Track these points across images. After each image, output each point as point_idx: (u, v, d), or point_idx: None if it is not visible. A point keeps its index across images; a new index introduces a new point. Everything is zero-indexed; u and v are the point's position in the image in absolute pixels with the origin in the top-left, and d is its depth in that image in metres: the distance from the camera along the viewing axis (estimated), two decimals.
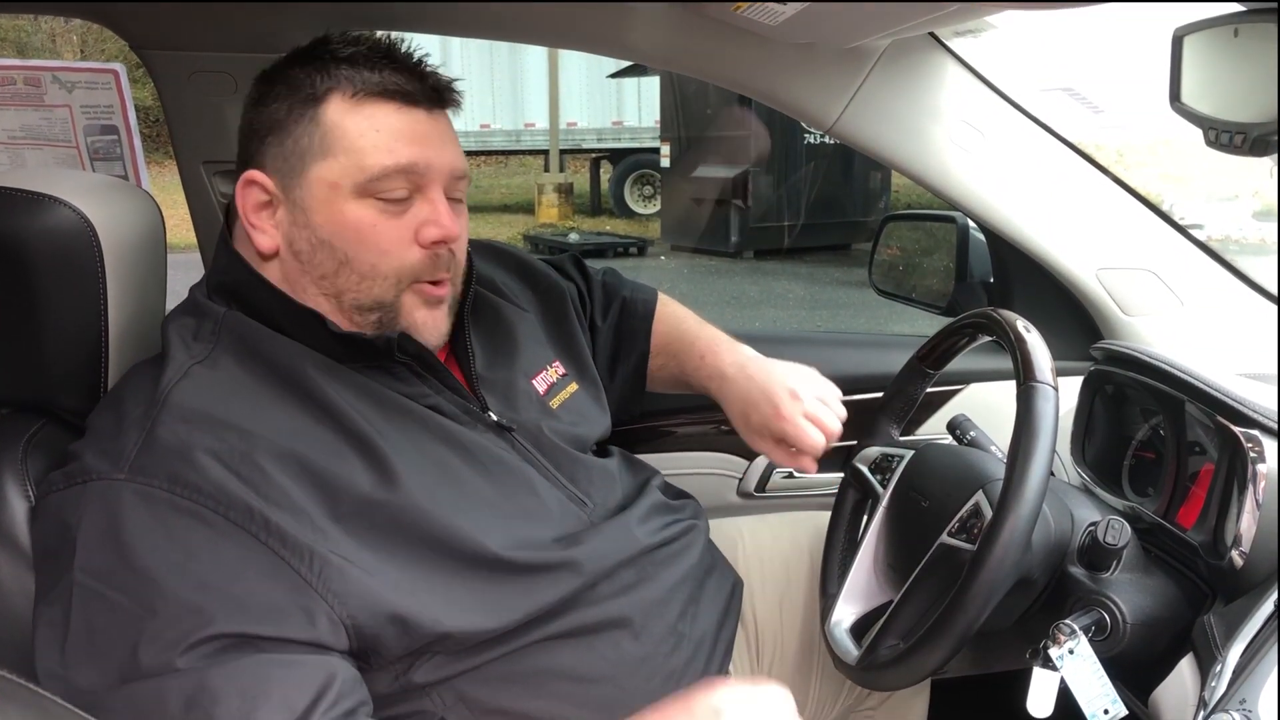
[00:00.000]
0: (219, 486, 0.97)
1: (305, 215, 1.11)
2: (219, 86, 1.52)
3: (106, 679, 0.91)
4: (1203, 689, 1.03)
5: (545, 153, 15.83)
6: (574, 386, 1.37)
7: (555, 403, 1.32)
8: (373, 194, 1.10)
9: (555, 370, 1.36)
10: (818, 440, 1.36)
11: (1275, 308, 1.51)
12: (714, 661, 1.29)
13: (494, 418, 1.21)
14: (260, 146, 1.13)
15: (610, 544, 1.21)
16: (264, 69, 1.16)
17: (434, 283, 1.16)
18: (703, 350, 1.49)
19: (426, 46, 1.19)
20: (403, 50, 1.15)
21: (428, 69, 1.15)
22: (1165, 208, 1.60)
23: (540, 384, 1.32)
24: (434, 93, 1.14)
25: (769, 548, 1.54)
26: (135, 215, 1.20)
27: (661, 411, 1.70)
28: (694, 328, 1.53)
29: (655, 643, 1.21)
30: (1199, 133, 0.91)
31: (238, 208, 1.14)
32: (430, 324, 1.16)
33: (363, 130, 1.09)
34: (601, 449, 1.40)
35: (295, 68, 1.13)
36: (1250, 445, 1.13)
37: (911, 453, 1.37)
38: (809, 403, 1.37)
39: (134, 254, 1.18)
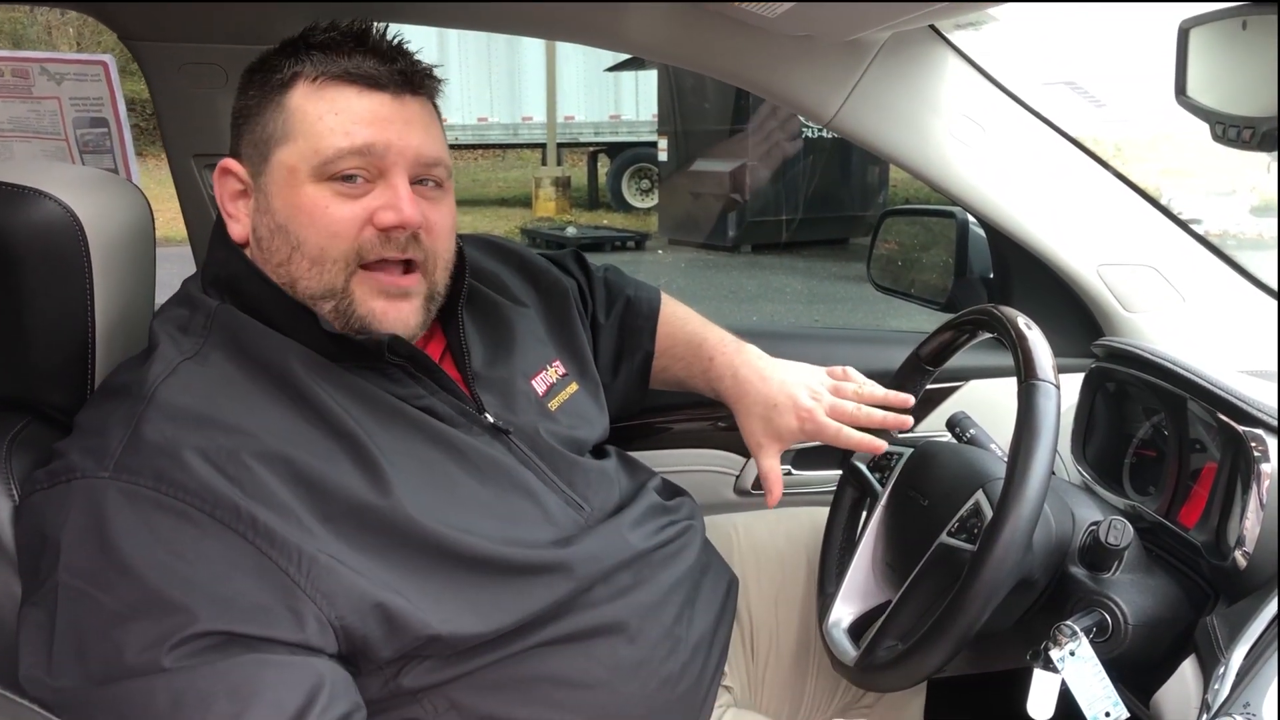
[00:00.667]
0: (205, 485, 0.95)
1: (267, 200, 1.10)
2: (209, 78, 1.50)
3: (91, 679, 0.90)
4: (1205, 691, 1.02)
5: (543, 146, 15.82)
6: (574, 387, 1.35)
7: (554, 404, 1.30)
8: (328, 176, 1.08)
9: (555, 370, 1.33)
10: (852, 435, 1.35)
11: (1276, 304, 1.49)
12: (710, 664, 1.27)
13: (490, 419, 1.19)
14: (237, 134, 1.14)
15: (605, 547, 1.20)
16: (252, 61, 1.15)
17: (399, 265, 1.12)
18: (711, 352, 1.47)
19: (424, 40, 1.17)
20: (378, 36, 1.13)
21: (402, 54, 1.13)
22: (1164, 203, 1.58)
23: (539, 384, 1.30)
24: (401, 77, 1.12)
25: (765, 544, 1.53)
26: (123, 209, 1.19)
27: (658, 409, 1.69)
28: (699, 329, 1.51)
29: (651, 647, 1.19)
30: (1197, 128, 0.89)
31: (216, 197, 1.14)
32: (392, 315, 1.12)
33: (321, 113, 1.08)
34: (599, 450, 1.38)
35: (275, 56, 1.12)
36: (1254, 444, 1.11)
37: (910, 451, 1.36)
38: (826, 400, 1.37)
39: (121, 248, 1.16)
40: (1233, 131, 0.80)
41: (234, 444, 0.98)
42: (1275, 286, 1.47)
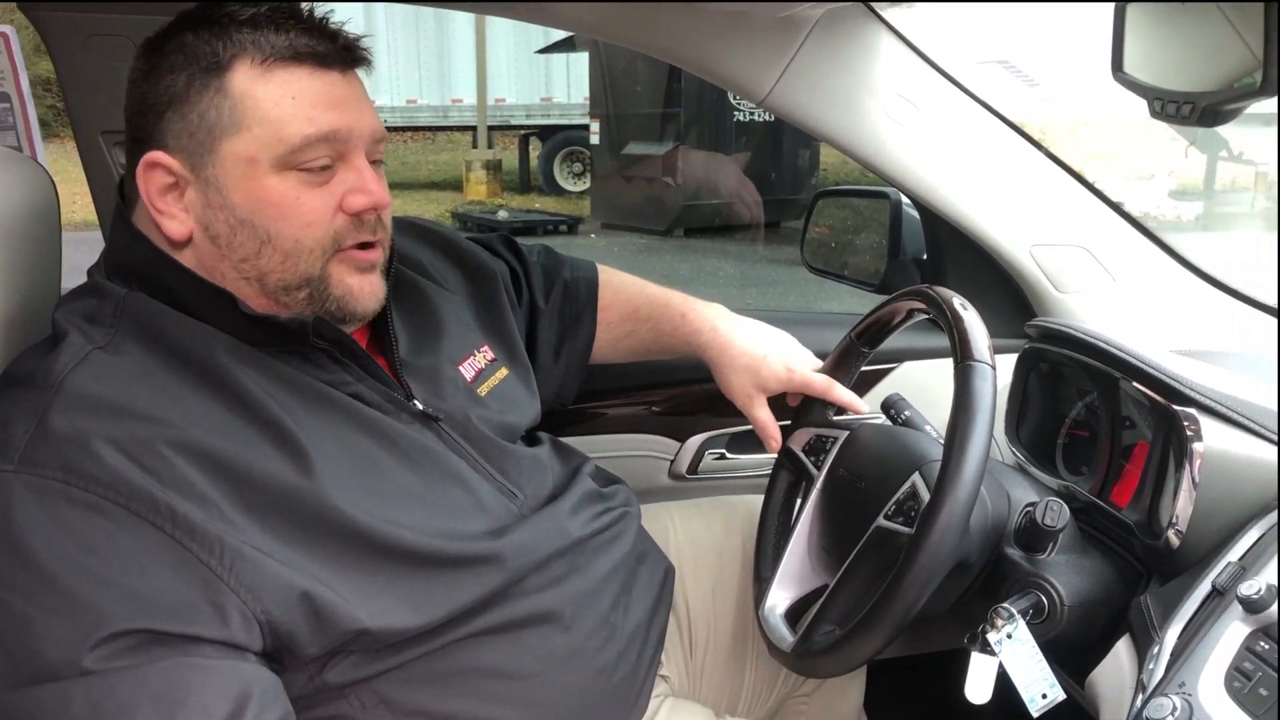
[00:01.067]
0: (118, 476, 0.90)
1: (221, 195, 1.03)
2: (117, 50, 1.43)
3: (4, 684, 0.85)
4: (1140, 671, 1.02)
5: (473, 129, 15.64)
6: (504, 372, 1.31)
7: (484, 390, 1.27)
8: (294, 166, 1.03)
9: (484, 355, 1.30)
10: (843, 391, 1.38)
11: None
12: (646, 653, 1.25)
13: (419, 406, 1.16)
14: (159, 123, 1.04)
15: (540, 536, 1.17)
16: (149, 37, 1.07)
17: (363, 247, 1.09)
18: (681, 309, 1.47)
19: (349, 14, 1.12)
20: (308, 10, 1.07)
21: (335, 26, 1.07)
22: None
23: (468, 370, 1.26)
24: (346, 52, 1.07)
25: (701, 534, 1.51)
26: (25, 188, 1.12)
27: (591, 394, 1.66)
28: (660, 291, 1.51)
29: (586, 636, 1.17)
30: (1118, 112, 0.89)
31: (141, 193, 1.05)
32: (366, 289, 1.10)
33: (277, 99, 1.02)
34: (531, 436, 1.35)
35: (189, 34, 1.04)
36: (1187, 424, 1.12)
37: (846, 433, 1.35)
38: (806, 354, 1.42)
39: (23, 230, 1.09)
40: (1171, 107, 0.79)
41: (149, 433, 0.93)
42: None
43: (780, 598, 1.30)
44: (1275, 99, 0.71)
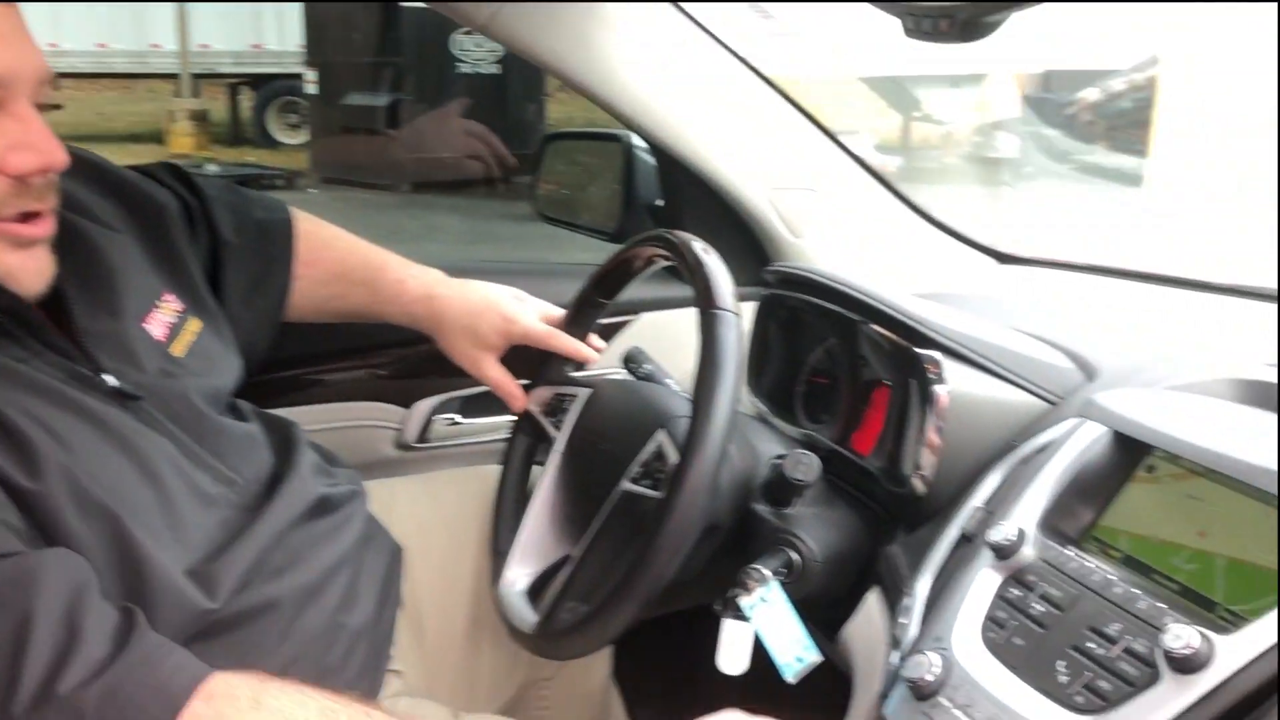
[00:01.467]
0: None
1: None
2: None
3: None
4: (893, 626, 0.99)
5: (176, 76, 14.53)
6: (197, 324, 1.13)
7: (179, 350, 1.09)
8: None
9: (170, 306, 1.11)
10: (566, 340, 1.29)
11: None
12: (375, 648, 1.14)
13: (112, 382, 0.98)
14: None
15: (270, 536, 1.05)
16: None
17: (27, 217, 0.91)
18: (399, 274, 1.34)
19: None
20: None
21: None
22: None
23: (156, 328, 1.08)
24: None
25: (429, 511, 1.37)
26: None
27: (300, 358, 1.49)
28: (375, 252, 1.38)
29: (310, 639, 1.04)
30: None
31: None
32: (30, 267, 0.94)
33: None
34: (236, 410, 1.18)
35: None
36: (929, 366, 1.09)
37: (587, 391, 1.26)
38: (532, 305, 1.34)
39: None
40: (928, 23, 0.74)
41: None
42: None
43: (520, 573, 1.21)
44: None
